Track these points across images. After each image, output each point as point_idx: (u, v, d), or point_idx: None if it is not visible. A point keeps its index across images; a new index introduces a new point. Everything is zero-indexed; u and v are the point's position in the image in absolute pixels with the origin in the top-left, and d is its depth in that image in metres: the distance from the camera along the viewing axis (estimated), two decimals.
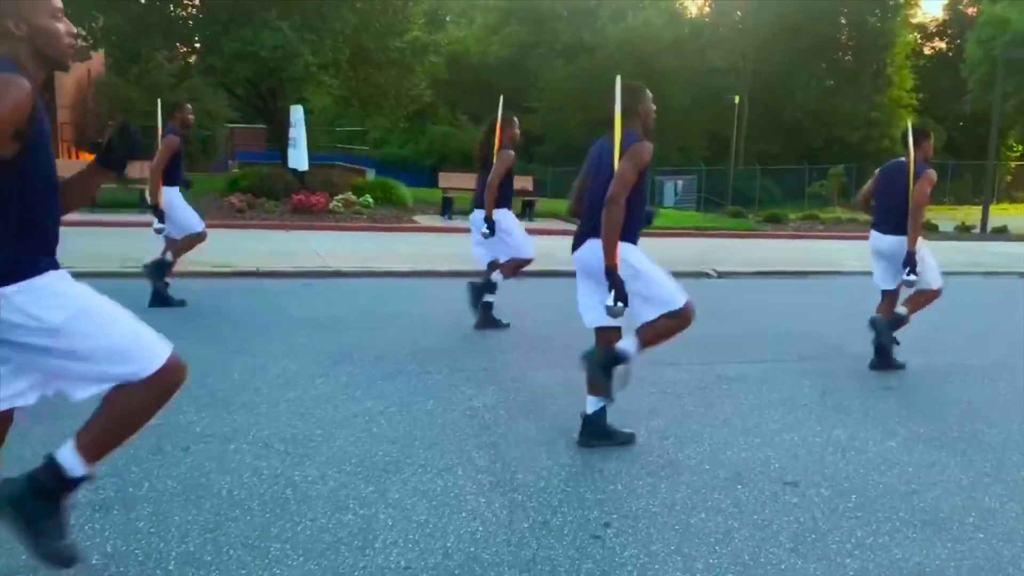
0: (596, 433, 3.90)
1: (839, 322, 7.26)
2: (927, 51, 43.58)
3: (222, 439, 3.82)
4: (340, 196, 15.19)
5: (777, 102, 37.60)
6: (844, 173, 28.97)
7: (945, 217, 22.70)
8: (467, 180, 15.95)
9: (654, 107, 3.91)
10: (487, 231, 6.17)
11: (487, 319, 6.53)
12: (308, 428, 4.02)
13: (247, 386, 4.69)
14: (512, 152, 6.22)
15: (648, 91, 3.92)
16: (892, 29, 37.08)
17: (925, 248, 5.49)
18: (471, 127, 36.42)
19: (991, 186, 22.84)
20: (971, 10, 38.99)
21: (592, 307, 3.88)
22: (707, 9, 42.35)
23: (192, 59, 20.20)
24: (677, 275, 10.57)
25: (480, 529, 3.04)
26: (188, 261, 7.72)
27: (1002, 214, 25.12)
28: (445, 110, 39.61)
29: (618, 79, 3.79)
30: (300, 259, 10.07)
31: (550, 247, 8.97)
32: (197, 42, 18.91)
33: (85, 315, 2.20)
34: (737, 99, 24.09)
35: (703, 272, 10.66)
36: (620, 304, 3.56)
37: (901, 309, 5.66)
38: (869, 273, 6.01)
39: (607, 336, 3.88)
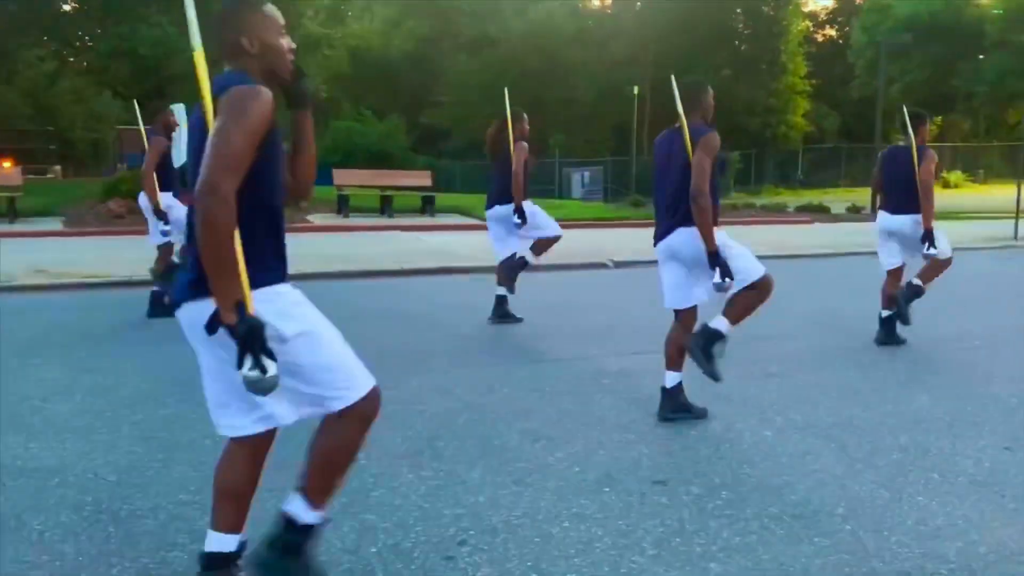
0: (675, 407, 4.17)
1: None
2: (819, 38, 45.09)
3: (46, 472, 3.44)
4: None
5: None
6: (739, 160, 29.61)
7: (841, 199, 23.45)
8: (364, 177, 15.59)
9: (713, 101, 4.16)
10: (519, 220, 6.25)
11: (503, 312, 6.61)
12: (149, 453, 3.67)
13: (89, 409, 4.29)
14: (527, 144, 6.44)
15: (709, 86, 4.19)
16: (785, 17, 38.18)
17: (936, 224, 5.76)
18: (375, 122, 35.83)
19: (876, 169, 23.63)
20: None
21: (677, 288, 4.18)
22: (608, 1, 42.75)
23: (70, 58, 19.15)
24: (574, 266, 10.59)
25: (322, 558, 2.78)
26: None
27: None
28: (348, 105, 38.86)
29: (673, 78, 4.08)
30: None
31: (448, 243, 8.74)
32: (74, 41, 17.90)
33: (312, 334, 2.22)
34: (636, 90, 24.32)
35: (600, 263, 10.60)
36: (728, 279, 3.87)
37: (916, 281, 5.87)
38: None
39: (686, 318, 4.22)
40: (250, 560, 2.36)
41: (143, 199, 6.75)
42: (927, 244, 5.60)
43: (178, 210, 6.57)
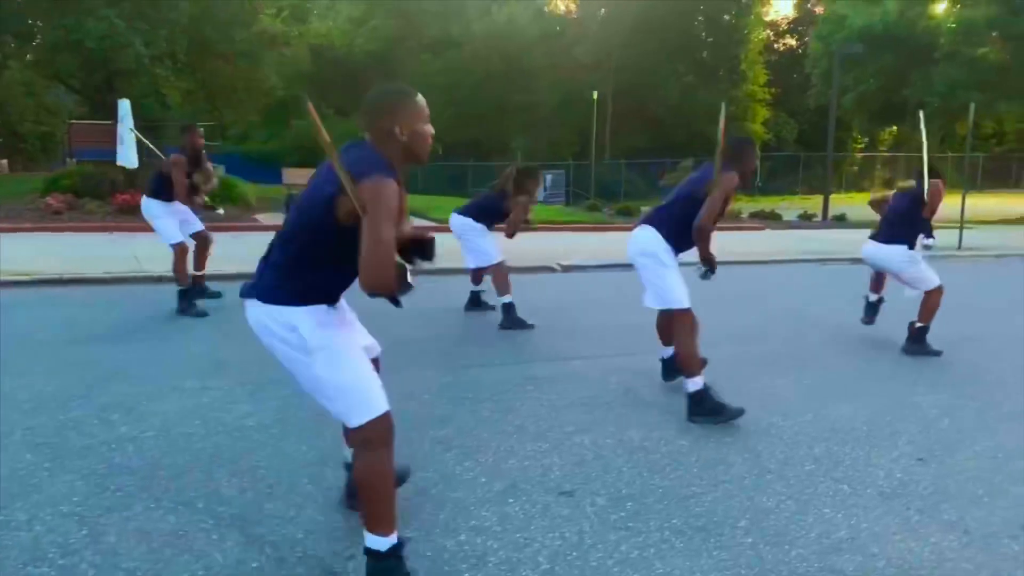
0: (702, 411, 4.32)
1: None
2: (779, 47, 45.61)
3: None
4: None
5: (641, 98, 38.37)
6: (692, 167, 29.73)
7: (797, 206, 23.72)
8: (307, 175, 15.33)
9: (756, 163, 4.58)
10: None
11: (513, 320, 6.74)
12: (36, 462, 3.51)
13: None
14: (525, 199, 6.88)
15: (756, 147, 4.66)
16: (745, 26, 38.55)
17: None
18: (339, 121, 35.53)
19: (830, 177, 24.01)
20: (818, 8, 40.96)
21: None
22: (573, 7, 42.82)
23: (16, 49, 18.63)
24: (522, 270, 10.50)
25: (200, 573, 2.66)
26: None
27: (848, 203, 26.42)
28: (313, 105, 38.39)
29: (723, 106, 4.49)
30: (116, 264, 9.27)
31: None
32: (20, 32, 17.41)
33: (334, 353, 2.50)
34: (596, 95, 24.37)
35: (548, 267, 10.53)
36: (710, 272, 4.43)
37: (919, 323, 6.04)
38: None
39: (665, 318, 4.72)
40: None
41: (152, 206, 6.95)
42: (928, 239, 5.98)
43: (167, 219, 6.93)
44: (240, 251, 10.70)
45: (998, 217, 20.63)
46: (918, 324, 6.05)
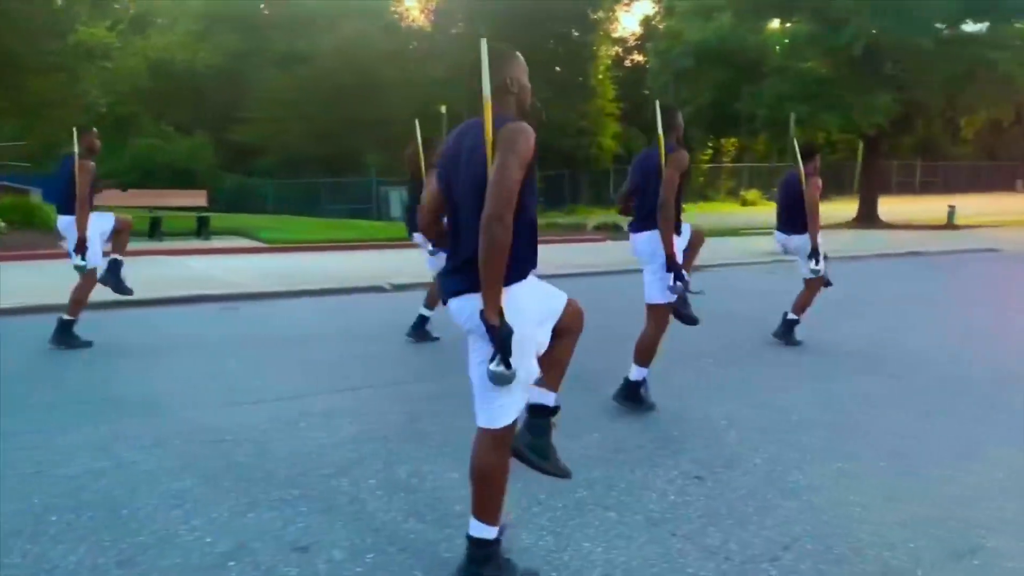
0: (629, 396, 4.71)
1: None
2: (628, 64, 46.95)
3: None
4: None
5: None
6: (540, 180, 30.10)
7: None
8: (127, 197, 14.16)
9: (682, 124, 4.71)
10: (432, 248, 6.15)
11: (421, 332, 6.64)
12: None
13: None
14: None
15: (679, 111, 4.76)
16: (593, 43, 39.43)
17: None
18: (180, 139, 33.82)
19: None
20: (663, 25, 42.51)
21: (649, 285, 4.68)
22: (425, 22, 42.60)
23: None
24: (350, 290, 10.02)
25: None
26: None
27: (695, 212, 27.39)
28: (150, 121, 36.44)
29: (657, 103, 4.58)
30: None
31: (211, 268, 7.95)
32: None
33: (525, 339, 2.47)
34: (444, 109, 24.10)
35: (377, 286, 10.10)
36: (679, 283, 4.44)
37: (792, 315, 6.74)
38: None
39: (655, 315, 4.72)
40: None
41: (65, 223, 6.21)
42: (813, 260, 6.44)
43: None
44: (27, 280, 9.66)
45: (832, 222, 21.73)
46: (791, 315, 6.74)
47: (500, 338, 2.30)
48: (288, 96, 35.76)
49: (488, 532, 2.63)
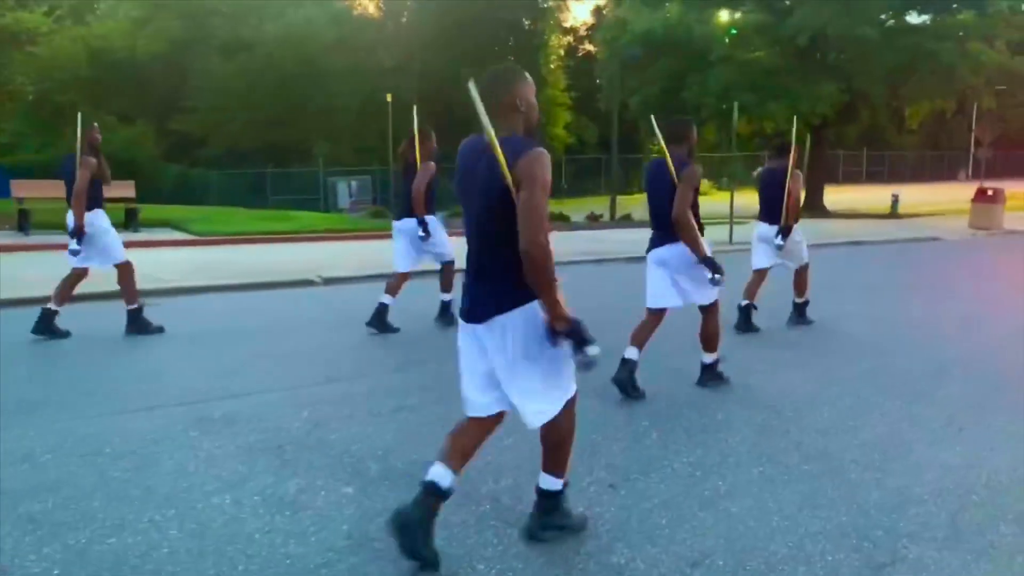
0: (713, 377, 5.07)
1: (414, 332, 6.67)
2: (580, 53, 46.76)
3: None
4: None
5: (447, 101, 38.03)
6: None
7: (601, 207, 24.14)
8: (47, 188, 13.46)
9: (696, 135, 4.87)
10: (423, 233, 6.56)
11: (383, 323, 6.61)
12: None
13: None
14: (434, 164, 6.69)
15: (694, 124, 4.99)
16: (544, 32, 39.18)
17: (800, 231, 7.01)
18: (120, 128, 32.72)
19: (616, 179, 24.74)
20: (612, 14, 42.40)
21: (657, 292, 4.87)
22: (373, 9, 41.89)
23: None
24: (278, 284, 9.63)
25: None
26: None
27: (643, 202, 27.27)
28: (89, 110, 35.17)
29: (652, 118, 4.98)
30: None
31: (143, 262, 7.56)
32: None
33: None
34: (390, 97, 23.69)
35: (307, 280, 9.73)
36: (719, 276, 4.59)
37: (798, 299, 7.13)
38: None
39: (656, 318, 4.93)
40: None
41: (72, 219, 6.28)
42: (779, 235, 6.72)
43: (106, 234, 6.47)
44: None
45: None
46: (797, 299, 7.14)
47: (574, 332, 2.56)
48: (232, 85, 34.91)
49: (557, 484, 2.95)
